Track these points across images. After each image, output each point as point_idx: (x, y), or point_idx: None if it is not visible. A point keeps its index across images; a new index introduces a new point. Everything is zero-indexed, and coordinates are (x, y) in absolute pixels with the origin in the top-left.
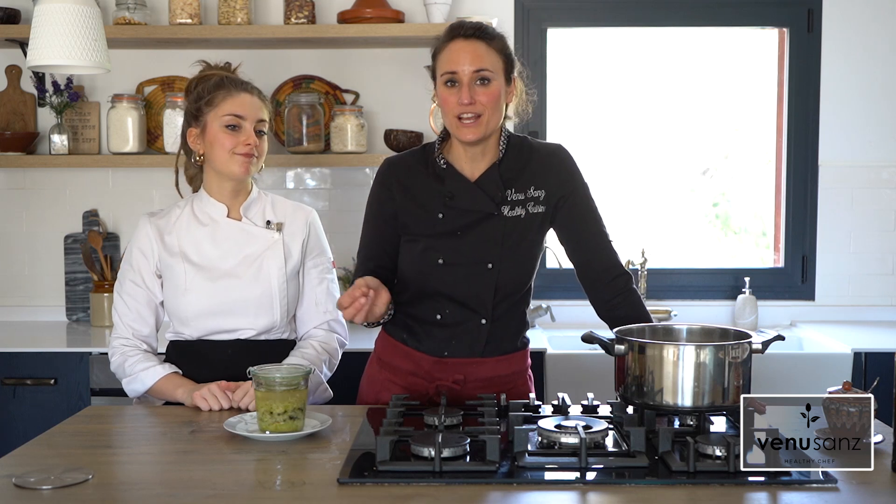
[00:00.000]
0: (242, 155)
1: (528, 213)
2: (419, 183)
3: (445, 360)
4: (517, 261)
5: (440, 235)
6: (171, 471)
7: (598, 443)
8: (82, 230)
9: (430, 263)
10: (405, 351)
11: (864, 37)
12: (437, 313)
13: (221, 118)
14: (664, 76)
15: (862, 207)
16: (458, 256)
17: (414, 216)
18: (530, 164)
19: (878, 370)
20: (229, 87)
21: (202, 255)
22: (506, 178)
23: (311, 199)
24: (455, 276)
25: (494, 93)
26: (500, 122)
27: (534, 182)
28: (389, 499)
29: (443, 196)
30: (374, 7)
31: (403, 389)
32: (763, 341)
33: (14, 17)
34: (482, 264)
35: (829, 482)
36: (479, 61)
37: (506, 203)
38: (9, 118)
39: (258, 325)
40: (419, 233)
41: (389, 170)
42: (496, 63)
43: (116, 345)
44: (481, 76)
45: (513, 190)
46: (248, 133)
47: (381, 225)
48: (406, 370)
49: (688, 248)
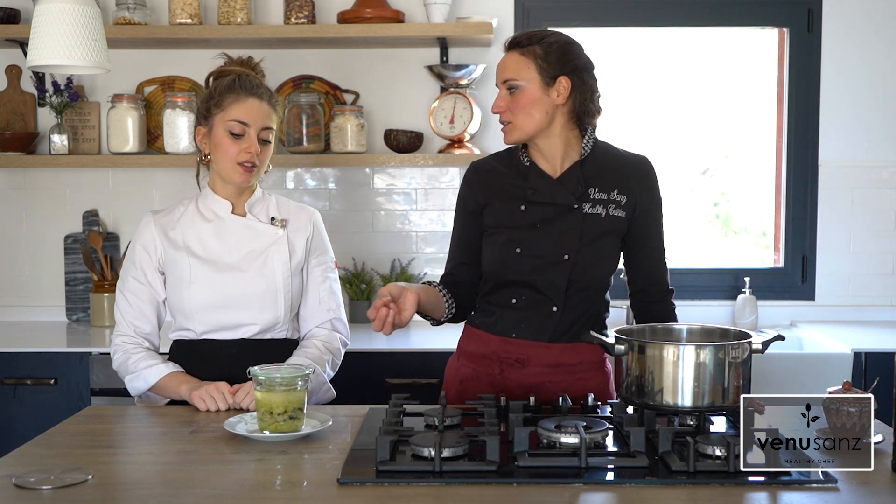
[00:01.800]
0: (242, 164)
1: (609, 214)
2: (503, 181)
3: (512, 341)
4: (594, 257)
5: (521, 227)
6: (171, 471)
7: (598, 443)
8: (82, 230)
9: (509, 253)
10: (478, 334)
11: (864, 37)
12: (512, 297)
13: (227, 123)
14: (664, 76)
15: (862, 207)
16: (535, 247)
17: (497, 210)
18: (616, 169)
19: (878, 370)
20: (239, 90)
21: (207, 249)
22: (588, 176)
23: (311, 199)
24: (532, 265)
25: (521, 100)
26: (543, 122)
27: (618, 186)
28: (389, 499)
29: (525, 191)
30: (374, 7)
31: (473, 371)
32: (763, 341)
33: (14, 17)
34: (559, 255)
35: (829, 482)
36: (506, 72)
37: (587, 200)
38: (9, 118)
39: (262, 321)
40: (501, 225)
41: (474, 170)
42: (526, 70)
43: (118, 342)
44: (509, 85)
45: (595, 189)
46: (250, 141)
47: (468, 223)
48: (478, 353)
49: (688, 248)
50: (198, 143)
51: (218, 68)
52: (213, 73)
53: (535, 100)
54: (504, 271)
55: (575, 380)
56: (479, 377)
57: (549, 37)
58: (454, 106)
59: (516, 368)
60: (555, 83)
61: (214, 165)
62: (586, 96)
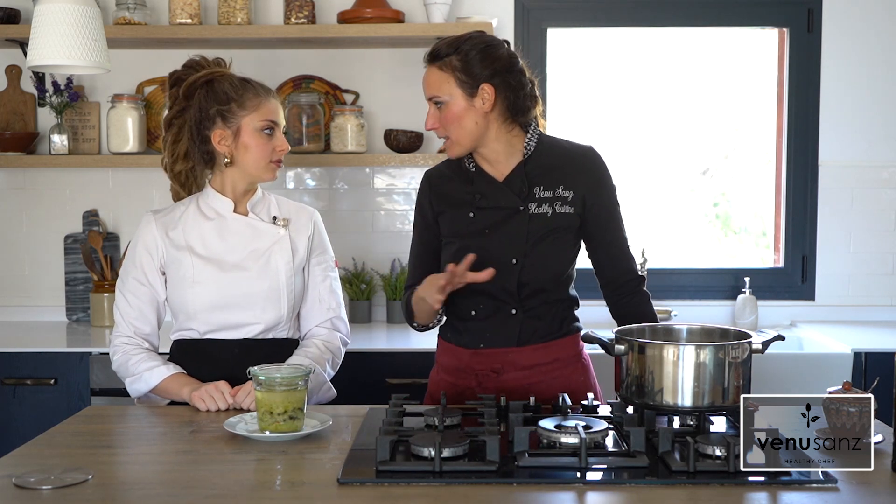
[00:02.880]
0: (275, 162)
1: (556, 211)
2: (453, 188)
3: (482, 352)
4: (542, 257)
5: (471, 235)
6: (171, 471)
7: (598, 443)
8: (82, 230)
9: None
10: (450, 348)
11: (864, 36)
12: (471, 309)
13: (258, 122)
14: (664, 76)
15: (862, 207)
16: (486, 254)
17: (449, 219)
18: (561, 165)
19: (878, 370)
20: (259, 90)
21: (209, 248)
22: (532, 175)
23: (311, 199)
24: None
25: (448, 115)
26: (476, 132)
27: (563, 182)
28: (389, 499)
29: (473, 196)
30: (374, 7)
31: (451, 385)
32: (763, 341)
33: (14, 17)
34: (507, 260)
35: (829, 482)
36: (429, 88)
37: (532, 200)
38: (9, 118)
39: (265, 320)
40: (453, 234)
41: (427, 180)
42: (447, 85)
43: (118, 343)
44: (434, 101)
45: (541, 188)
46: (281, 139)
47: (424, 233)
48: (453, 366)
49: (688, 248)
50: (216, 147)
51: (203, 73)
52: (200, 76)
53: (462, 112)
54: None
55: (553, 378)
56: (460, 391)
57: (464, 43)
58: None
59: (492, 378)
60: (478, 92)
61: (242, 167)
62: (515, 95)
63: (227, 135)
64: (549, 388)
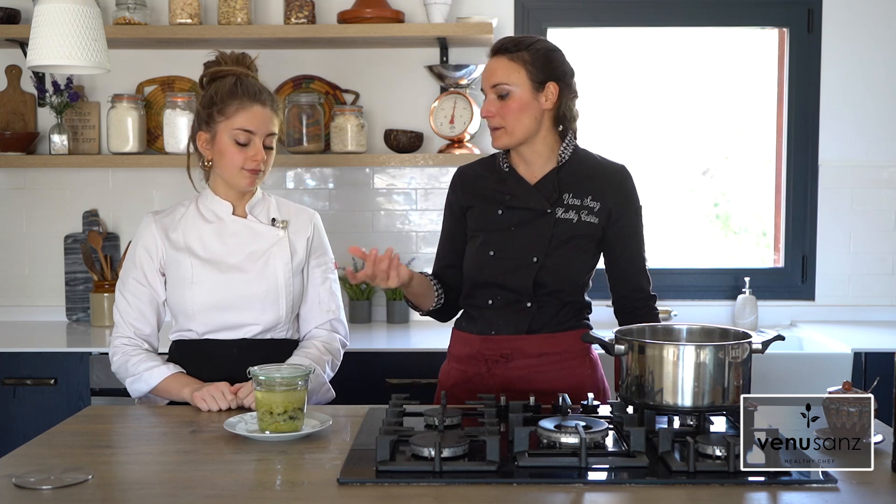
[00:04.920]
0: (249, 171)
1: (581, 219)
2: (484, 185)
3: (492, 338)
4: (562, 259)
5: (496, 231)
6: (171, 471)
7: (598, 443)
8: (82, 230)
9: (484, 256)
10: (462, 336)
11: (864, 36)
12: (489, 299)
13: (232, 131)
14: (664, 76)
15: (862, 207)
16: (507, 250)
17: (477, 213)
18: (592, 176)
19: (878, 370)
20: (243, 96)
21: (208, 249)
22: (563, 182)
23: (311, 199)
24: (503, 268)
25: (512, 105)
26: (532, 127)
27: (592, 192)
28: (389, 499)
29: (503, 195)
30: (374, 7)
31: (462, 374)
32: (763, 341)
33: (14, 17)
34: (528, 258)
35: (829, 482)
36: (496, 76)
37: (560, 205)
38: (9, 118)
39: (263, 321)
40: (479, 228)
41: (459, 175)
42: (516, 75)
43: (118, 344)
44: (499, 91)
45: (570, 195)
46: (256, 149)
47: (454, 226)
48: (464, 354)
49: (688, 248)
50: (199, 149)
51: (213, 69)
52: (208, 73)
53: (526, 104)
54: (479, 273)
55: (560, 369)
56: (469, 378)
57: (535, 43)
58: (454, 106)
59: (501, 364)
60: (544, 88)
61: (219, 172)
62: (570, 102)
63: (207, 138)
64: (557, 377)
